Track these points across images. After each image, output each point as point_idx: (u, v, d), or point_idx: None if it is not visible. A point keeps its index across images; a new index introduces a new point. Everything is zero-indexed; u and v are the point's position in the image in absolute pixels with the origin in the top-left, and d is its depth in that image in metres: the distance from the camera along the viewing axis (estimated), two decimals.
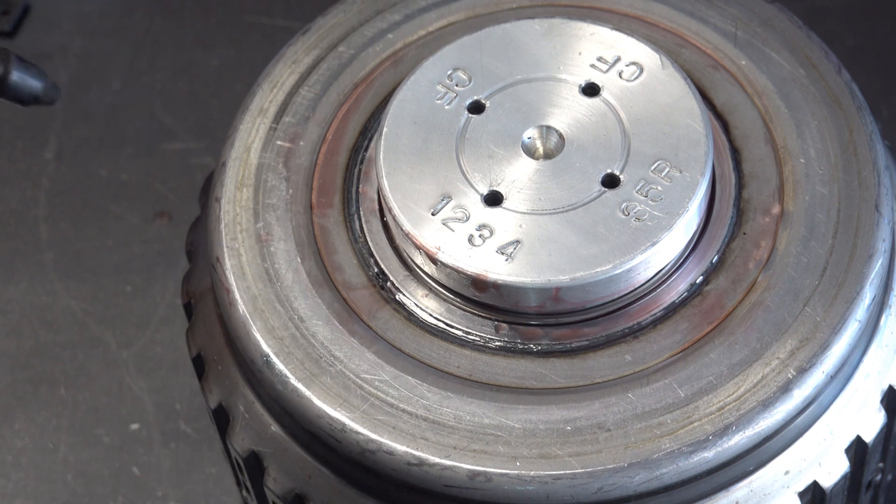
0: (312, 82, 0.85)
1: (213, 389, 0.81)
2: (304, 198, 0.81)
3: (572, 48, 0.82)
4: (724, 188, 0.80)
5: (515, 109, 0.80)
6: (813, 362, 0.74)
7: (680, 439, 0.73)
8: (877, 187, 0.79)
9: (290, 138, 0.83)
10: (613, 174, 0.77)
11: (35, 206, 1.17)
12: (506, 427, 0.74)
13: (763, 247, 0.78)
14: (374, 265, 0.79)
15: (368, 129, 0.84)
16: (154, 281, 1.13)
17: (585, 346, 0.76)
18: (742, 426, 0.73)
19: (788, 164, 0.80)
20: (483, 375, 0.76)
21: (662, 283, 0.77)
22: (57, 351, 1.11)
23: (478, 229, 0.76)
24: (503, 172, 0.78)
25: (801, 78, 0.82)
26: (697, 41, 0.84)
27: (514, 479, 0.72)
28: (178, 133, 1.21)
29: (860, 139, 0.80)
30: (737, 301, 0.77)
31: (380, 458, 0.74)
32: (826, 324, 0.75)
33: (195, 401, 1.07)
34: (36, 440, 1.08)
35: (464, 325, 0.77)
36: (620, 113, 0.79)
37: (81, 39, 1.24)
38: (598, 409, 0.74)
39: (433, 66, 0.82)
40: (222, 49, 1.23)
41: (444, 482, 0.73)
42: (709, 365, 0.75)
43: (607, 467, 0.72)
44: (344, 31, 0.87)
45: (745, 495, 0.76)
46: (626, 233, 0.75)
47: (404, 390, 0.75)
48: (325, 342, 0.77)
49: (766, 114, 0.82)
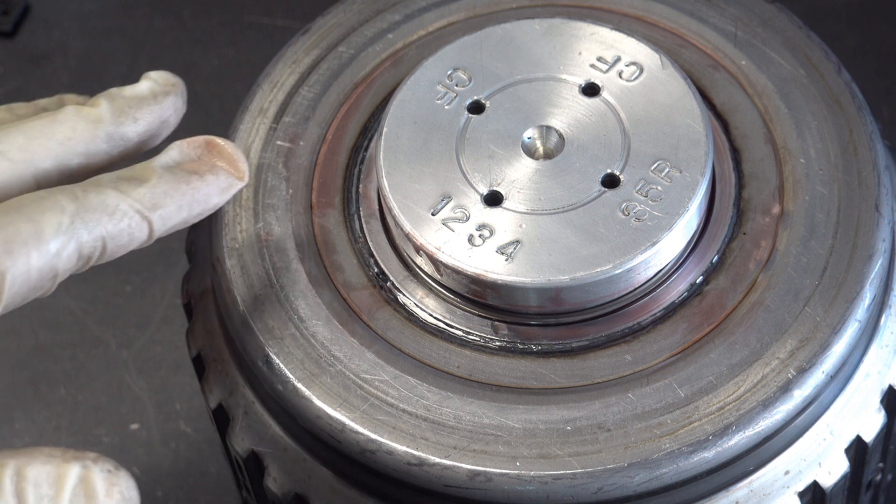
0: (312, 82, 0.85)
1: (213, 389, 0.81)
2: (304, 198, 0.81)
3: (572, 48, 0.82)
4: (724, 188, 0.80)
5: (515, 109, 0.80)
6: (813, 362, 0.74)
7: (680, 439, 0.73)
8: (877, 187, 0.79)
9: (290, 138, 0.83)
10: (613, 174, 0.77)
11: None
12: (506, 427, 0.74)
13: (763, 247, 0.78)
14: (374, 265, 0.80)
15: (368, 129, 0.84)
16: (154, 281, 1.13)
17: (585, 346, 0.76)
18: (742, 426, 0.73)
19: (788, 164, 0.80)
20: (483, 375, 0.76)
21: (662, 283, 0.77)
22: (57, 351, 1.11)
23: (478, 229, 0.76)
24: (503, 172, 0.78)
25: (801, 78, 0.82)
26: (697, 41, 0.84)
27: (514, 479, 0.72)
28: (178, 133, 1.20)
29: (860, 139, 0.80)
30: (737, 301, 0.77)
31: (380, 458, 0.74)
32: (826, 324, 0.75)
33: (195, 401, 1.07)
34: (36, 440, 1.08)
35: (464, 325, 0.77)
36: (620, 113, 0.79)
37: (81, 39, 1.24)
38: (598, 409, 0.74)
39: (433, 66, 0.82)
40: (222, 49, 1.23)
41: (444, 482, 0.73)
42: (709, 365, 0.75)
43: (607, 467, 0.72)
44: (344, 31, 0.87)
45: (745, 495, 0.76)
46: (626, 233, 0.75)
47: (404, 390, 0.75)
48: (325, 342, 0.77)
49: (766, 114, 0.82)
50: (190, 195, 0.71)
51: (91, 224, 0.68)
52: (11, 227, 0.66)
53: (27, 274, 0.66)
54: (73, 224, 0.67)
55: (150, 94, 0.74)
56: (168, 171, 0.71)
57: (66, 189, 0.68)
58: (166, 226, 0.71)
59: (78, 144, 0.71)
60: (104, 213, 0.68)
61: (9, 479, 0.66)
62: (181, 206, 0.71)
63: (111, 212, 0.68)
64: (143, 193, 0.69)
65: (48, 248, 0.67)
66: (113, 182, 0.69)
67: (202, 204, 0.72)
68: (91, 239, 0.68)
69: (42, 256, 0.67)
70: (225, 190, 0.73)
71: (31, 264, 0.66)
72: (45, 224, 0.67)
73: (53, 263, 0.67)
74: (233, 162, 0.73)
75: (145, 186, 0.70)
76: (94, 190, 0.69)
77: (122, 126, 0.73)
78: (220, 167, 0.73)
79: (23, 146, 0.70)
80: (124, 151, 0.73)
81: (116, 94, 0.73)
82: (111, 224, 0.68)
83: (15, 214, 0.67)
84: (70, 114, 0.71)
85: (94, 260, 0.69)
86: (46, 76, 1.22)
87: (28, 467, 0.66)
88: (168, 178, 0.71)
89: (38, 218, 0.67)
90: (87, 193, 0.68)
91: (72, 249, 0.67)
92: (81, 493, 0.67)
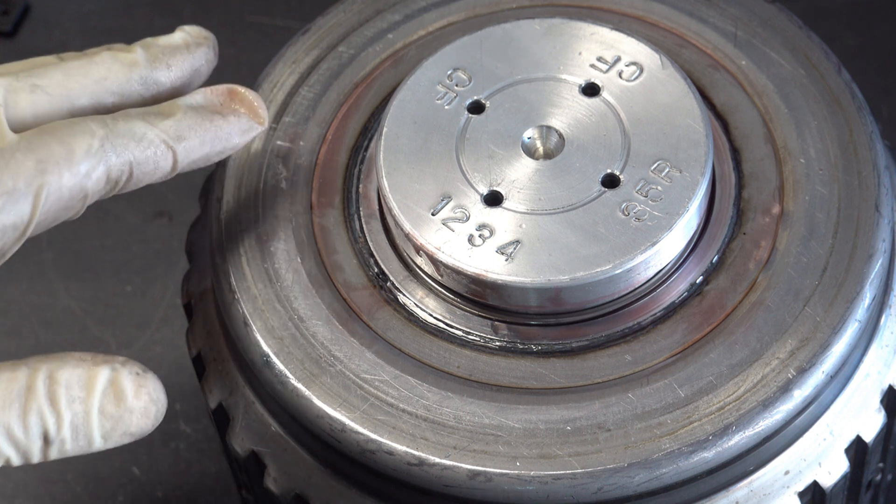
0: (312, 82, 0.85)
1: (213, 389, 0.81)
2: (304, 198, 0.81)
3: (572, 48, 0.82)
4: (724, 188, 0.80)
5: (515, 109, 0.80)
6: (813, 362, 0.74)
7: (680, 439, 0.73)
8: (877, 187, 0.79)
9: (290, 138, 0.83)
10: (613, 174, 0.77)
11: None
12: (506, 427, 0.74)
13: (763, 247, 0.78)
14: (374, 265, 0.79)
15: (368, 129, 0.84)
16: (154, 281, 1.13)
17: (585, 346, 0.76)
18: (742, 426, 0.73)
19: (788, 164, 0.80)
20: (483, 375, 0.76)
21: (662, 283, 0.77)
22: (57, 351, 1.11)
23: (478, 229, 0.76)
24: (503, 172, 0.78)
25: (801, 78, 0.82)
26: (697, 41, 0.84)
27: (514, 479, 0.72)
28: None
29: (860, 139, 0.80)
30: (737, 301, 0.77)
31: (380, 458, 0.74)
32: (826, 324, 0.75)
33: (195, 401, 1.07)
34: None
35: (464, 325, 0.77)
36: (620, 113, 0.79)
37: (81, 39, 1.24)
38: (598, 409, 0.74)
39: (433, 66, 0.82)
40: (222, 49, 1.23)
41: (444, 482, 0.73)
42: (709, 365, 0.75)
43: (607, 467, 0.72)
44: (344, 31, 0.87)
45: (745, 495, 0.76)
46: (626, 233, 0.75)
47: (404, 390, 0.75)
48: (325, 342, 0.77)
49: (766, 114, 0.82)
50: (213, 132, 0.75)
51: (119, 148, 0.72)
52: (45, 149, 0.71)
53: (59, 192, 0.71)
54: (103, 147, 0.72)
55: (182, 44, 0.78)
56: (192, 109, 0.75)
57: (96, 117, 0.73)
58: (189, 158, 0.75)
59: (112, 84, 0.75)
60: (132, 140, 0.73)
61: (41, 383, 0.71)
62: (204, 141, 0.75)
63: (139, 139, 0.73)
64: (168, 125, 0.74)
65: (79, 168, 0.71)
66: (141, 114, 0.74)
67: (223, 141, 0.76)
68: (119, 163, 0.72)
69: (73, 177, 0.71)
70: (246, 132, 0.77)
71: (63, 183, 0.71)
72: (76, 146, 0.71)
73: (84, 184, 0.71)
74: (253, 109, 0.77)
75: (171, 119, 0.74)
76: (122, 119, 0.73)
77: (156, 71, 0.77)
78: (241, 111, 0.76)
79: (61, 82, 0.74)
80: (157, 95, 0.77)
81: (151, 43, 0.78)
82: (138, 150, 0.73)
83: (48, 137, 0.71)
84: (106, 56, 0.76)
85: (122, 185, 0.73)
86: None
87: (60, 371, 0.71)
88: (192, 115, 0.75)
89: (69, 140, 0.71)
90: (117, 121, 0.73)
91: (101, 171, 0.72)
92: (111, 395, 0.71)
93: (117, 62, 0.76)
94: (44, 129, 0.72)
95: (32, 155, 0.70)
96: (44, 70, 0.74)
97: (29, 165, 0.70)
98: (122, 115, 0.74)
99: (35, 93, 0.73)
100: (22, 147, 0.70)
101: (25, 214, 0.70)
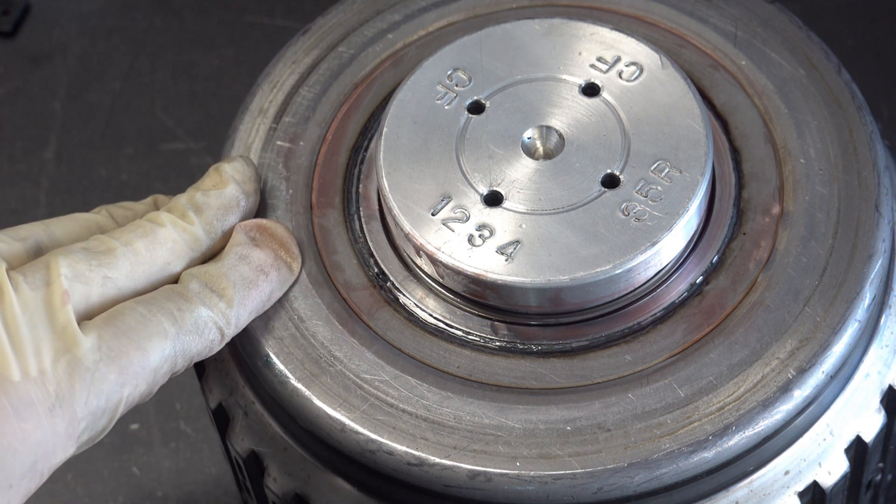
0: (312, 82, 0.85)
1: (213, 389, 0.81)
2: (304, 198, 0.81)
3: (572, 48, 0.82)
4: (724, 188, 0.80)
5: (515, 109, 0.80)
6: (813, 362, 0.74)
7: (680, 439, 0.73)
8: (877, 187, 0.79)
9: (290, 138, 0.83)
10: (613, 174, 0.77)
11: (35, 206, 1.17)
12: (506, 427, 0.74)
13: (763, 247, 0.78)
14: (374, 265, 0.79)
15: (368, 129, 0.84)
16: None
17: (585, 346, 0.76)
18: (742, 426, 0.73)
19: (788, 164, 0.80)
20: (483, 375, 0.76)
21: (662, 283, 0.77)
22: None
23: (478, 229, 0.76)
24: (503, 172, 0.78)
25: (801, 78, 0.82)
26: (697, 41, 0.84)
27: (514, 479, 0.72)
28: (178, 133, 1.20)
29: (860, 139, 0.80)
30: (737, 301, 0.77)
31: (380, 458, 0.74)
32: (826, 324, 0.75)
33: (195, 401, 1.07)
34: None
35: (464, 326, 0.77)
36: (620, 113, 0.79)
37: (81, 39, 1.24)
38: (598, 409, 0.74)
39: (433, 66, 0.82)
40: (222, 49, 1.23)
41: (444, 482, 0.73)
42: (709, 365, 0.75)
43: (607, 467, 0.72)
44: (344, 31, 0.87)
45: (745, 495, 0.76)
46: (626, 233, 0.75)
47: (404, 390, 0.75)
48: (325, 342, 0.77)
49: (766, 114, 0.82)
50: (259, 301, 0.76)
51: (186, 346, 0.73)
52: (124, 358, 0.71)
53: (133, 400, 0.72)
54: (174, 348, 0.72)
55: (234, 203, 0.78)
56: (242, 280, 0.75)
57: (165, 308, 0.72)
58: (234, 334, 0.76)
59: (177, 266, 0.75)
60: (196, 335, 0.73)
61: None
62: (251, 313, 0.76)
63: (201, 331, 0.73)
64: (223, 309, 0.74)
65: (154, 377, 0.72)
66: (199, 295, 0.74)
67: (267, 304, 0.77)
68: (184, 361, 0.73)
69: (149, 386, 0.72)
70: (284, 283, 0.77)
71: (139, 392, 0.72)
72: (151, 350, 0.71)
73: (153, 386, 0.73)
74: (286, 245, 0.78)
75: (224, 301, 0.74)
76: (187, 308, 0.73)
77: (215, 242, 0.77)
78: (280, 257, 0.77)
79: (129, 274, 0.74)
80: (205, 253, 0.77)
81: (202, 205, 0.77)
82: (200, 344, 0.74)
83: (125, 340, 0.71)
84: (170, 235, 0.75)
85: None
86: (46, 76, 1.22)
87: None
88: (241, 287, 0.75)
89: (145, 345, 0.71)
90: (184, 315, 0.73)
91: (167, 369, 0.73)
92: None
93: (180, 241, 0.75)
94: (118, 327, 0.71)
95: (114, 366, 0.70)
96: (112, 259, 0.73)
97: (111, 379, 0.70)
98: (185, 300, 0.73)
99: (106, 286, 0.72)
100: (103, 356, 0.70)
101: (103, 428, 0.71)
